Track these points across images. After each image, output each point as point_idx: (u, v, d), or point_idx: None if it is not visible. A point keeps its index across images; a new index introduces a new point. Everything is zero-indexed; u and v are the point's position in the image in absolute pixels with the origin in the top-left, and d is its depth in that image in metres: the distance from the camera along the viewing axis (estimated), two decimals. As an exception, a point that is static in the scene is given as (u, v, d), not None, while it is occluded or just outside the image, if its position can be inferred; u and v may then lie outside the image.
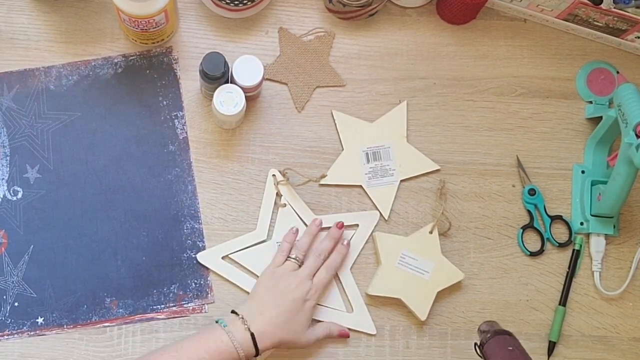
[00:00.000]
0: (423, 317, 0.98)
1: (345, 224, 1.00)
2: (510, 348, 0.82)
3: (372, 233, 1.01)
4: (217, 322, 0.90)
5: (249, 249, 1.00)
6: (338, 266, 0.98)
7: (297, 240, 0.99)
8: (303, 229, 1.00)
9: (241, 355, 0.88)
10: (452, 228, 1.02)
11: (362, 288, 1.00)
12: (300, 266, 0.96)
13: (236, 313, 0.91)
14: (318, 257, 0.97)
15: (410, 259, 0.99)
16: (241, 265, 0.99)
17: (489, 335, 0.85)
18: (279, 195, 1.01)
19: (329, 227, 1.00)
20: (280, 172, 1.01)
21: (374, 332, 0.99)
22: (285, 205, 1.01)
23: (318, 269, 0.96)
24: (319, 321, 0.97)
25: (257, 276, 0.98)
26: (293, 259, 0.96)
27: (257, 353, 0.89)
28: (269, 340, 0.90)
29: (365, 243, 1.01)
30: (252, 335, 0.89)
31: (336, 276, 1.00)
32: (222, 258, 1.00)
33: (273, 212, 1.01)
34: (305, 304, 0.93)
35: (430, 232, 1.00)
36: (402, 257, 0.99)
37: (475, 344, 0.87)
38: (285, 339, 0.91)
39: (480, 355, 0.86)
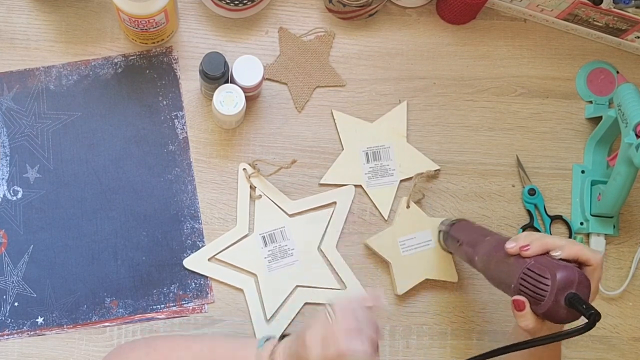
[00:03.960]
0: (455, 278, 1.00)
1: (322, 203, 1.01)
2: (474, 224, 0.93)
3: (349, 209, 1.02)
4: (260, 339, 0.81)
5: (233, 246, 1.00)
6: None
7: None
8: (285, 219, 1.00)
9: None
10: (425, 198, 1.03)
11: (348, 262, 1.00)
12: None
13: (279, 340, 0.80)
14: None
15: (409, 240, 1.00)
16: (230, 264, 0.99)
17: (450, 223, 0.95)
18: (252, 188, 1.01)
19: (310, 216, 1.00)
20: (250, 164, 1.01)
21: None
22: (260, 196, 1.01)
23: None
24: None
25: (248, 272, 0.99)
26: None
27: None
28: None
29: (346, 219, 1.02)
30: None
31: (325, 257, 1.00)
32: (209, 260, 0.99)
33: (250, 205, 1.01)
34: None
35: (408, 207, 1.01)
36: (401, 244, 0.99)
37: (440, 231, 0.98)
38: None
39: (444, 243, 0.97)
